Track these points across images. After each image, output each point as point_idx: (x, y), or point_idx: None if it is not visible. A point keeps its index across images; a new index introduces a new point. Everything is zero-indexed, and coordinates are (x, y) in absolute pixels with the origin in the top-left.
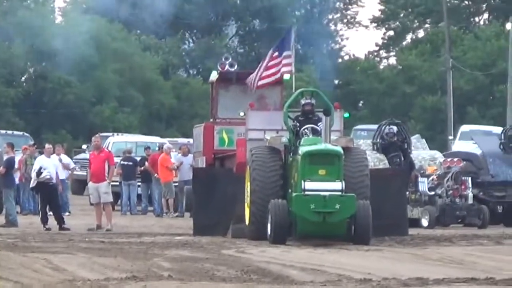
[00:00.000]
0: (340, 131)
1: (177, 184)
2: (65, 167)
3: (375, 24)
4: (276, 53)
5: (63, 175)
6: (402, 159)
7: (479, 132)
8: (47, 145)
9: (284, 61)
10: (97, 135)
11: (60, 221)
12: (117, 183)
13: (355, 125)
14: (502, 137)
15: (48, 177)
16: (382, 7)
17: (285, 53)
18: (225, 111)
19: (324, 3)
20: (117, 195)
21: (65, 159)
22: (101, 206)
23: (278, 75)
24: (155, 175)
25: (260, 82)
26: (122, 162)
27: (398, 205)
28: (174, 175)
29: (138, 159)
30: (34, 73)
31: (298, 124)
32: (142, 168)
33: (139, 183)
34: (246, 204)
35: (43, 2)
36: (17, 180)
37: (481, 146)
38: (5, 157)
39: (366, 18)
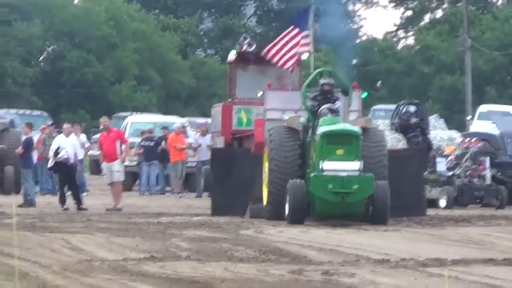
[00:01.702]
0: (358, 111)
1: (195, 164)
2: (82, 146)
3: (393, 4)
4: (296, 30)
5: (81, 155)
6: (420, 139)
7: (497, 112)
8: (65, 125)
9: (302, 41)
10: (104, 116)
11: (78, 201)
12: (135, 163)
13: (373, 105)
14: None
15: (65, 157)
16: None
17: (303, 33)
18: (243, 91)
19: None
20: (135, 175)
21: (82, 138)
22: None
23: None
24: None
25: (289, 63)
26: (143, 143)
27: (416, 186)
28: (193, 155)
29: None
30: (52, 52)
31: (316, 104)
32: (159, 148)
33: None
34: (264, 184)
35: None
36: (35, 160)
37: (499, 126)
38: (23, 138)
39: None
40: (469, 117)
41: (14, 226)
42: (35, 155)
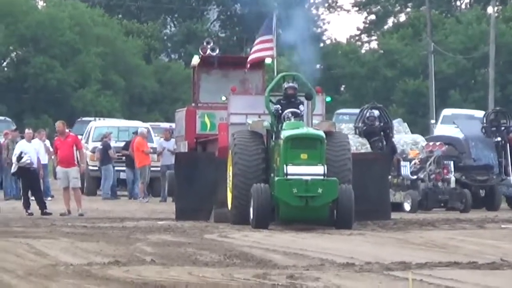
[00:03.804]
0: (322, 115)
1: (159, 168)
2: (46, 151)
3: (357, 8)
4: (262, 38)
5: (45, 159)
6: (384, 143)
7: (461, 116)
8: (27, 130)
9: (265, 45)
10: (60, 121)
11: (42, 206)
12: (96, 168)
13: (337, 109)
14: (484, 121)
15: (28, 161)
16: None
17: (266, 37)
18: (207, 95)
19: None
20: (98, 180)
21: (46, 143)
22: (69, 191)
23: (260, 54)
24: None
25: (251, 57)
26: (99, 147)
27: (380, 189)
28: (157, 159)
29: (122, 144)
30: (16, 57)
31: (280, 108)
32: (128, 152)
33: (123, 168)
34: (228, 189)
35: None
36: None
37: (463, 130)
38: None
39: (348, 2)
40: (433, 121)
41: None
42: None
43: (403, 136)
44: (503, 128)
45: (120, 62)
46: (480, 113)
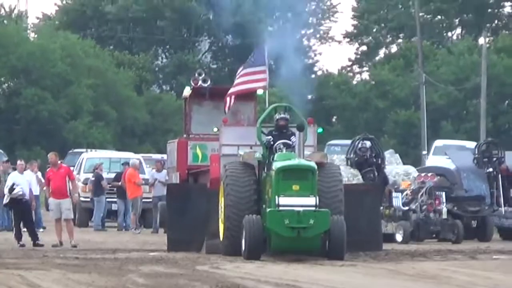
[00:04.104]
0: (313, 146)
1: (151, 200)
2: (38, 182)
3: (348, 39)
4: (247, 70)
5: (37, 191)
6: (376, 174)
7: (452, 146)
8: (19, 162)
9: (257, 76)
10: (52, 152)
11: (34, 237)
12: (88, 199)
13: (329, 140)
14: (476, 152)
15: (20, 193)
16: (355, 22)
17: (259, 68)
18: (198, 126)
19: (297, 19)
20: (90, 211)
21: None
22: (61, 222)
23: (251, 85)
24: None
25: (233, 89)
26: (91, 178)
27: (372, 220)
28: (149, 190)
29: (113, 175)
30: (7, 89)
31: (271, 139)
32: (120, 183)
33: (115, 199)
34: (220, 220)
35: (16, 19)
36: None
37: (454, 161)
38: None
39: (339, 33)
40: (424, 152)
41: None
42: None
43: (395, 167)
44: (494, 159)
45: (112, 93)
46: (471, 144)
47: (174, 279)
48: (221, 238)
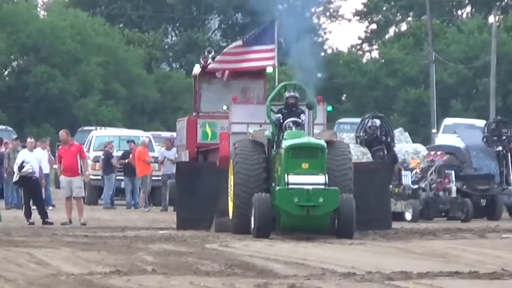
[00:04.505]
0: (323, 124)
1: (160, 178)
2: (49, 160)
3: (358, 18)
4: (256, 47)
5: (47, 169)
6: (385, 152)
7: (462, 125)
8: (28, 139)
9: (267, 54)
10: (63, 130)
11: (44, 215)
12: (98, 177)
13: (338, 118)
14: (485, 130)
15: (30, 171)
16: (365, 1)
17: (268, 46)
18: (208, 104)
19: None
20: (100, 189)
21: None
22: (71, 200)
23: (261, 63)
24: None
25: (241, 65)
26: (102, 156)
27: (381, 199)
28: (158, 168)
29: (121, 152)
30: (17, 67)
31: (281, 117)
32: (127, 161)
33: (122, 177)
34: (229, 198)
35: None
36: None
37: (464, 139)
38: None
39: (349, 11)
40: (434, 130)
41: None
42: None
43: (404, 146)
44: (504, 137)
45: (122, 71)
46: (481, 123)
47: (183, 257)
48: (230, 216)
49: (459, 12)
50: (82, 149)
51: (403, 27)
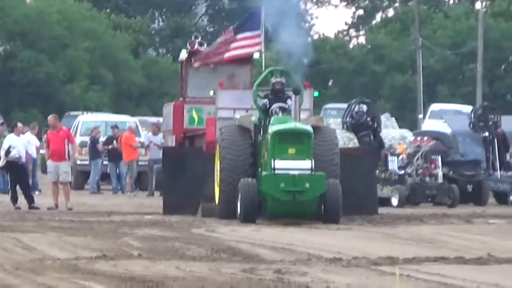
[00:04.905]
0: (310, 110)
1: (146, 163)
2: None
3: (345, 3)
4: (244, 34)
5: (34, 153)
6: (372, 138)
7: (449, 111)
8: (19, 124)
9: (253, 41)
10: (52, 114)
11: (30, 200)
12: (84, 162)
13: (325, 104)
14: (472, 116)
15: (17, 156)
16: None
17: (254, 32)
18: (194, 90)
19: None
20: (86, 174)
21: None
22: (58, 185)
23: (248, 50)
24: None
25: (229, 54)
26: (88, 141)
27: (368, 184)
28: (144, 153)
29: (105, 138)
30: (4, 51)
31: (267, 102)
32: (110, 147)
33: (106, 162)
34: (216, 183)
35: None
36: None
37: (451, 125)
38: None
39: None
40: (420, 116)
41: None
42: None
43: (391, 131)
44: (490, 123)
45: (108, 56)
46: (468, 108)
47: (170, 242)
48: (216, 202)
49: None
50: (70, 134)
51: (390, 12)
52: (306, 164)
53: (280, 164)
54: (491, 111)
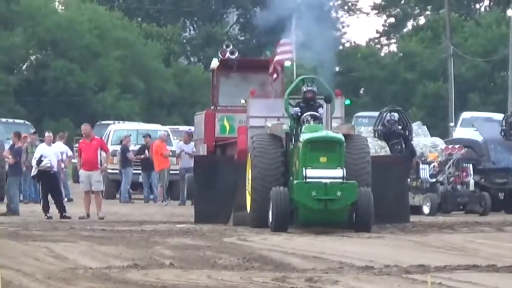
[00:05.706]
0: (341, 118)
1: (178, 172)
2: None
3: (376, 11)
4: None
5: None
6: (403, 146)
7: (480, 118)
8: (47, 134)
9: (284, 48)
10: (86, 123)
11: (61, 209)
12: (116, 171)
13: (357, 112)
14: (503, 124)
15: (48, 165)
16: None
17: (285, 40)
18: (226, 98)
19: None
20: (118, 183)
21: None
22: (90, 194)
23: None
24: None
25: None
26: (119, 150)
27: (399, 192)
28: (176, 162)
29: (138, 147)
30: (35, 61)
31: (299, 111)
32: (142, 156)
33: (139, 171)
34: (247, 192)
35: None
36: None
37: (482, 132)
38: (6, 146)
39: (367, 5)
40: (452, 124)
41: None
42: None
43: (422, 139)
44: None
45: (140, 65)
46: (499, 116)
47: (201, 251)
48: (248, 210)
49: (477, 5)
50: (104, 143)
51: (421, 20)
52: (338, 172)
53: (311, 173)
54: None
